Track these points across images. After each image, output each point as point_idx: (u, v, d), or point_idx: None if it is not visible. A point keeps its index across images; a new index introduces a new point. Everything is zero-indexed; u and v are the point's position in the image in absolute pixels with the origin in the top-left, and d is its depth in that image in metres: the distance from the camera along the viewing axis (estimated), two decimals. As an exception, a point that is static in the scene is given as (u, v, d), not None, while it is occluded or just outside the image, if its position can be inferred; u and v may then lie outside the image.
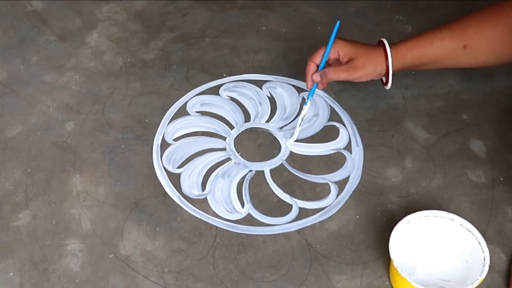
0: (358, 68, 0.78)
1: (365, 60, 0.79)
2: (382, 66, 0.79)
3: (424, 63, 0.79)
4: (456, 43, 0.77)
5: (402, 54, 0.78)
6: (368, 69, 0.79)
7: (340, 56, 0.80)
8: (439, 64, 0.80)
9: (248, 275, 0.71)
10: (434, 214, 0.69)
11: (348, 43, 0.80)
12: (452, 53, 0.78)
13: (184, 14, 1.07)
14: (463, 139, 0.84)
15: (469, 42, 0.76)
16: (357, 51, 0.79)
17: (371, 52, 0.79)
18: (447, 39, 0.77)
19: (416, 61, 0.79)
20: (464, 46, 0.76)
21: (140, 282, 0.70)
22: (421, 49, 0.78)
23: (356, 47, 0.80)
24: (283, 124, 0.88)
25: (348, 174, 0.81)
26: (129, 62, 0.97)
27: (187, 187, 0.80)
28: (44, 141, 0.85)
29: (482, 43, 0.76)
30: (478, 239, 0.67)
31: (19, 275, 0.71)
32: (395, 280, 0.68)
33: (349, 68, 0.78)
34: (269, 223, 0.76)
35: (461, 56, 0.78)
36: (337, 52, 0.80)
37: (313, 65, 0.81)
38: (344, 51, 0.79)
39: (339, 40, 0.80)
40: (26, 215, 0.76)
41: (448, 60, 0.79)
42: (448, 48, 0.77)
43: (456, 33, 0.77)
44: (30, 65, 0.97)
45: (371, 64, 0.79)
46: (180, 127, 0.87)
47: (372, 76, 0.80)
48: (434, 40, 0.78)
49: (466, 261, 0.68)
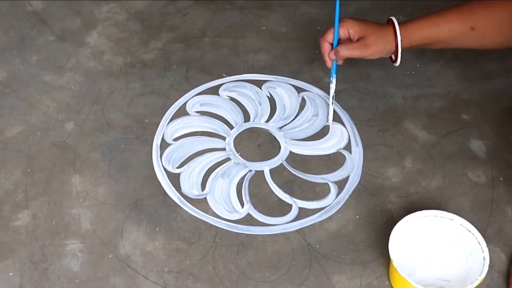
0: (370, 45, 0.79)
1: (375, 38, 0.79)
2: (391, 44, 0.80)
3: (432, 42, 0.80)
4: (463, 25, 0.78)
5: (410, 33, 0.79)
6: (379, 46, 0.80)
7: (350, 34, 0.81)
8: (447, 44, 0.81)
9: (248, 275, 0.70)
10: (434, 214, 0.69)
11: (358, 21, 0.81)
12: (459, 34, 0.78)
13: (184, 14, 1.07)
14: (463, 139, 0.84)
15: (476, 24, 0.77)
16: (367, 29, 0.80)
17: (381, 30, 0.80)
18: (454, 21, 0.78)
19: (424, 40, 0.80)
20: (471, 28, 0.77)
21: (140, 282, 0.70)
22: (429, 29, 0.79)
23: (366, 25, 0.80)
24: (282, 124, 0.88)
25: (348, 174, 0.81)
26: (129, 62, 0.97)
27: (186, 187, 0.80)
28: (44, 141, 0.85)
29: (489, 26, 0.77)
30: (478, 239, 0.67)
31: (19, 275, 0.71)
32: (394, 280, 0.68)
33: (361, 46, 0.79)
34: (269, 223, 0.76)
35: (469, 37, 0.78)
36: (348, 31, 0.80)
37: (327, 44, 0.81)
38: (355, 29, 0.80)
39: (348, 19, 0.80)
40: (26, 215, 0.76)
41: (455, 41, 0.80)
42: (455, 30, 0.78)
43: (464, 15, 0.78)
44: (30, 65, 0.97)
45: (382, 42, 0.80)
46: (179, 127, 0.87)
47: (383, 53, 0.81)
48: (440, 21, 0.78)
49: (466, 261, 0.67)
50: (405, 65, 0.94)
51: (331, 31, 0.80)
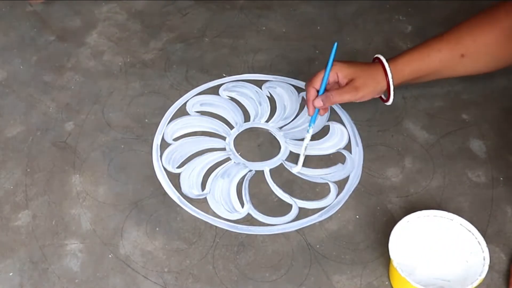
0: (360, 88, 0.77)
1: (365, 79, 0.77)
2: (382, 83, 0.78)
3: (423, 75, 0.79)
4: (453, 53, 0.76)
5: (400, 69, 0.77)
6: (369, 88, 0.77)
7: (339, 78, 0.78)
8: (438, 75, 0.79)
9: (248, 275, 0.70)
10: (434, 214, 0.69)
11: (346, 64, 0.78)
12: (450, 63, 0.77)
13: (184, 14, 1.07)
14: (463, 139, 0.84)
15: (466, 50, 0.76)
16: (356, 71, 0.78)
17: (370, 70, 0.78)
18: (443, 49, 0.77)
19: (415, 74, 0.78)
20: (462, 55, 0.76)
21: (140, 282, 0.70)
22: (419, 62, 0.77)
23: (354, 67, 0.78)
24: (282, 124, 0.88)
25: (348, 174, 0.81)
26: (129, 62, 0.97)
27: (187, 187, 0.80)
28: (44, 141, 0.85)
29: (480, 50, 0.76)
30: (478, 239, 0.67)
31: (19, 275, 0.71)
32: (394, 280, 0.68)
33: (351, 89, 0.77)
34: (269, 223, 0.76)
35: (460, 65, 0.77)
36: (336, 75, 0.78)
37: (313, 91, 0.78)
38: (343, 72, 0.77)
39: (337, 62, 0.78)
40: (26, 215, 0.76)
41: (447, 70, 0.78)
42: (445, 59, 0.77)
43: (453, 43, 0.76)
44: (30, 65, 0.97)
45: (372, 83, 0.78)
46: (179, 127, 0.87)
47: (374, 94, 0.79)
48: (430, 52, 0.77)
49: (466, 261, 0.67)
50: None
51: (319, 76, 0.78)
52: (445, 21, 1.03)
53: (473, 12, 1.05)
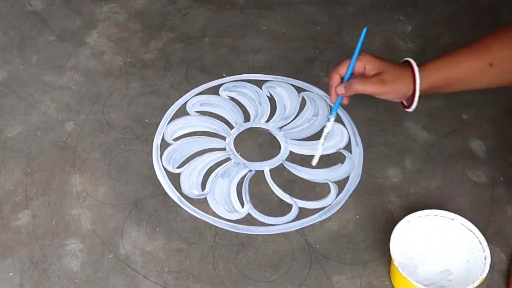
0: (387, 82, 0.73)
1: (394, 76, 0.74)
2: (409, 86, 0.75)
3: (451, 83, 0.76)
4: (482, 62, 0.74)
5: (428, 74, 0.75)
6: (396, 86, 0.74)
7: (366, 70, 0.75)
8: (465, 84, 0.77)
9: (248, 275, 0.70)
10: (435, 214, 0.69)
11: (376, 57, 0.75)
12: (478, 71, 0.75)
13: (184, 14, 1.07)
14: (463, 139, 0.84)
15: (494, 59, 0.74)
16: (385, 66, 0.75)
17: (399, 69, 0.75)
18: (473, 57, 0.74)
19: (443, 81, 0.75)
20: (490, 64, 0.74)
21: (140, 282, 0.70)
22: (448, 69, 0.75)
23: (384, 62, 0.75)
24: (283, 124, 0.88)
25: (348, 174, 0.81)
26: (129, 62, 0.97)
27: (187, 187, 0.80)
28: (44, 141, 0.85)
29: (507, 60, 0.74)
30: (479, 238, 0.67)
31: (19, 275, 0.71)
32: (396, 280, 0.68)
33: (377, 81, 0.73)
34: (269, 223, 0.76)
35: (488, 75, 0.75)
36: (364, 66, 0.75)
37: (338, 77, 0.75)
38: (372, 64, 0.74)
39: (366, 54, 0.75)
40: (26, 215, 0.76)
41: (474, 80, 0.76)
42: (474, 67, 0.74)
43: (482, 51, 0.74)
44: (30, 65, 0.97)
45: (399, 81, 0.74)
46: (180, 127, 0.87)
47: (398, 95, 0.75)
48: (460, 59, 0.74)
49: (467, 261, 0.68)
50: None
51: (346, 63, 0.75)
52: (445, 21, 1.03)
53: (473, 12, 1.05)
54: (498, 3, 1.05)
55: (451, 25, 1.02)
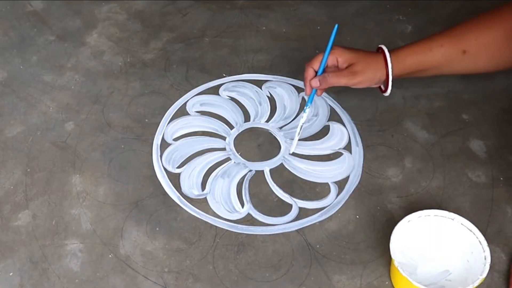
0: (358, 73, 0.78)
1: (364, 66, 0.78)
2: (382, 72, 0.78)
3: (423, 69, 0.79)
4: (455, 49, 0.77)
5: (401, 60, 0.78)
6: (368, 74, 0.78)
7: (339, 63, 0.79)
8: (439, 70, 0.80)
9: (248, 275, 0.70)
10: (435, 214, 0.69)
11: (347, 49, 0.79)
12: (451, 58, 0.78)
13: (184, 14, 1.07)
14: (463, 139, 0.84)
15: (468, 47, 0.76)
16: (356, 57, 0.79)
17: (371, 58, 0.79)
18: (446, 44, 0.77)
19: (415, 66, 0.79)
20: (463, 51, 0.77)
21: (140, 282, 0.70)
22: (421, 55, 0.78)
23: (355, 53, 0.79)
24: (283, 124, 0.88)
25: (348, 174, 0.81)
26: (129, 62, 0.97)
27: (187, 187, 0.80)
28: (44, 141, 0.85)
29: (481, 48, 0.76)
30: (479, 238, 0.67)
31: (19, 275, 0.71)
32: (396, 280, 0.68)
33: (349, 73, 0.78)
34: (269, 223, 0.76)
35: (460, 61, 0.78)
36: (336, 59, 0.79)
37: (312, 71, 0.80)
38: (343, 57, 0.79)
39: (338, 47, 0.79)
40: (26, 215, 0.76)
41: (447, 66, 0.79)
42: (447, 54, 0.77)
43: (455, 38, 0.77)
44: (30, 65, 0.97)
45: (371, 70, 0.78)
46: (180, 127, 0.87)
47: (372, 82, 0.79)
48: (432, 46, 0.77)
49: (467, 261, 0.68)
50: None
51: (319, 58, 0.79)
52: (445, 21, 1.03)
53: (474, 12, 1.05)
54: (498, 3, 1.05)
55: (451, 25, 1.01)
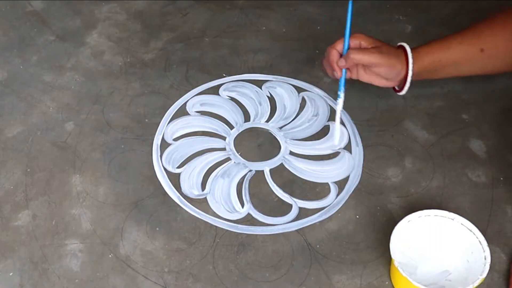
0: (385, 54, 0.77)
1: (389, 51, 0.78)
2: (402, 66, 0.78)
3: (442, 66, 0.79)
4: (473, 46, 0.77)
5: (420, 57, 0.78)
6: (393, 60, 0.77)
7: (362, 46, 0.79)
8: (457, 68, 0.79)
9: (248, 275, 0.70)
10: (435, 214, 0.69)
11: (369, 36, 0.79)
12: (470, 56, 0.78)
13: (184, 14, 1.07)
14: (463, 139, 0.84)
15: (485, 45, 0.77)
16: (380, 43, 0.78)
17: (393, 49, 0.79)
18: (464, 42, 0.77)
19: (434, 65, 0.78)
20: (481, 49, 0.77)
21: (140, 282, 0.70)
22: (439, 53, 0.78)
23: (378, 41, 0.79)
24: (283, 124, 0.88)
25: (348, 174, 0.81)
26: (129, 62, 0.97)
27: (187, 187, 0.80)
28: (44, 141, 0.85)
29: (499, 46, 0.76)
30: (479, 239, 0.67)
31: (19, 275, 0.71)
32: (396, 280, 0.68)
33: (375, 51, 0.77)
34: (269, 223, 0.76)
35: (479, 60, 0.78)
36: (359, 43, 0.78)
37: (336, 52, 0.78)
38: (367, 41, 0.78)
39: (360, 33, 0.79)
40: (26, 215, 0.76)
41: (465, 64, 0.79)
42: (465, 51, 0.77)
43: (474, 36, 0.77)
44: (30, 65, 0.97)
45: (395, 58, 0.78)
46: (180, 127, 0.87)
47: (392, 71, 0.78)
48: (451, 44, 0.78)
49: (467, 261, 0.67)
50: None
51: (341, 40, 0.78)
52: (445, 21, 1.03)
53: (474, 12, 1.05)
54: (498, 3, 1.05)
55: (451, 25, 1.02)
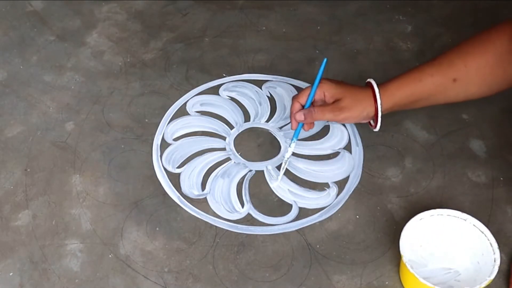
0: (344, 109, 0.76)
1: (352, 102, 0.76)
2: (370, 108, 0.76)
3: (414, 100, 0.77)
4: (445, 77, 0.74)
5: (391, 93, 0.76)
6: (355, 111, 0.76)
7: (326, 97, 0.77)
8: (430, 100, 0.77)
9: (248, 275, 0.70)
10: (448, 213, 0.69)
11: (335, 84, 0.77)
12: (442, 87, 0.75)
13: (184, 14, 1.07)
14: (463, 139, 0.84)
15: (458, 75, 0.74)
16: (343, 92, 0.76)
17: (359, 93, 0.77)
18: (435, 74, 0.75)
19: (406, 99, 0.76)
20: (454, 79, 0.74)
21: (140, 282, 0.70)
22: (411, 87, 0.75)
23: (342, 88, 0.77)
24: (282, 124, 0.88)
25: (348, 174, 0.81)
26: (129, 62, 0.97)
27: (187, 187, 0.80)
28: (44, 141, 0.85)
29: (471, 74, 0.74)
30: (490, 241, 0.66)
31: (19, 275, 0.71)
32: (404, 276, 0.68)
33: (335, 109, 0.76)
34: (269, 223, 0.76)
35: (452, 90, 0.75)
36: (323, 93, 0.77)
37: (298, 105, 0.78)
38: (330, 92, 0.76)
39: (326, 81, 0.77)
40: (26, 215, 0.76)
41: (438, 95, 0.76)
42: (437, 83, 0.75)
43: (445, 67, 0.75)
44: (30, 65, 0.97)
45: (359, 106, 0.76)
46: (180, 127, 0.87)
47: (359, 118, 0.77)
48: (422, 76, 0.75)
49: (477, 262, 0.67)
50: (405, 65, 0.94)
51: (306, 92, 0.77)
52: (445, 21, 1.03)
53: (473, 12, 1.05)
54: (498, 3, 1.05)
55: (451, 25, 1.02)
